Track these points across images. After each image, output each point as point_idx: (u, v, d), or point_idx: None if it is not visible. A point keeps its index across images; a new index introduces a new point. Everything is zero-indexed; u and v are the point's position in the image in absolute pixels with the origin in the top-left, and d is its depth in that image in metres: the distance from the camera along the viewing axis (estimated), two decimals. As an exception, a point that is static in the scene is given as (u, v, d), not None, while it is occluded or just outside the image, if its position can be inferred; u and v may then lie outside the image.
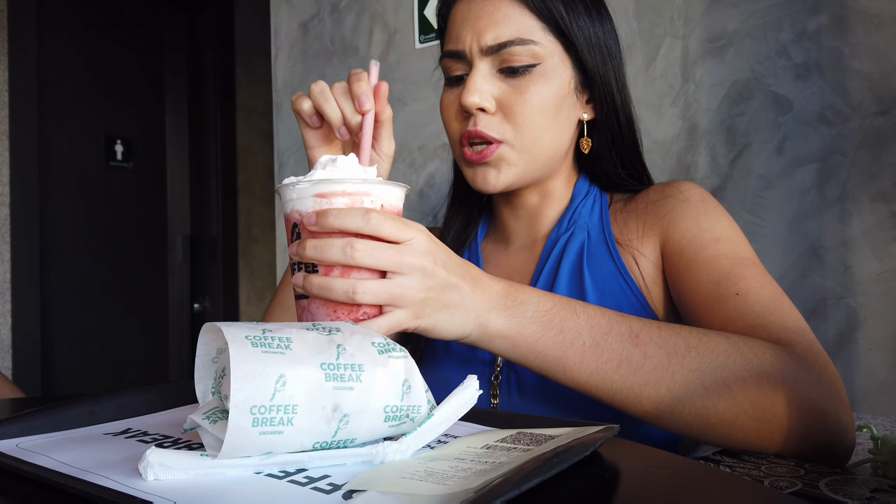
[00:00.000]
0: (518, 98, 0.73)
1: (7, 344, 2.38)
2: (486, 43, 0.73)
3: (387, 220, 0.52)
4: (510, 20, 0.73)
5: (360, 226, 0.51)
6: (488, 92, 0.74)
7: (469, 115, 0.75)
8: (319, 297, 0.52)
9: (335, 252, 0.51)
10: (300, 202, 0.54)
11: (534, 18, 0.73)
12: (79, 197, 2.65)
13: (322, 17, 1.91)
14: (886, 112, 1.09)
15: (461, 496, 0.32)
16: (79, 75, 2.66)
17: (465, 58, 0.76)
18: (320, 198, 0.52)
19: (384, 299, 0.52)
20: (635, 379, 0.58)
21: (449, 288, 0.56)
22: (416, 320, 0.55)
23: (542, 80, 0.74)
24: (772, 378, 0.56)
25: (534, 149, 0.75)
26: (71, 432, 0.47)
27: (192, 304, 3.08)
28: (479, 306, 0.58)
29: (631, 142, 0.83)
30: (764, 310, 0.64)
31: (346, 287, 0.51)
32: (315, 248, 0.51)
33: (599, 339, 0.59)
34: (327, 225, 0.51)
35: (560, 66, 0.75)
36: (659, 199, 0.78)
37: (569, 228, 0.81)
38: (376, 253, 0.51)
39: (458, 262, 0.58)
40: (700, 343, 0.59)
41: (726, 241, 0.71)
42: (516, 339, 0.59)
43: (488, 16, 0.74)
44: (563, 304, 0.61)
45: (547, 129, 0.75)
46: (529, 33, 0.73)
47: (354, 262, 0.51)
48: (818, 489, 0.44)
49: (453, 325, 0.57)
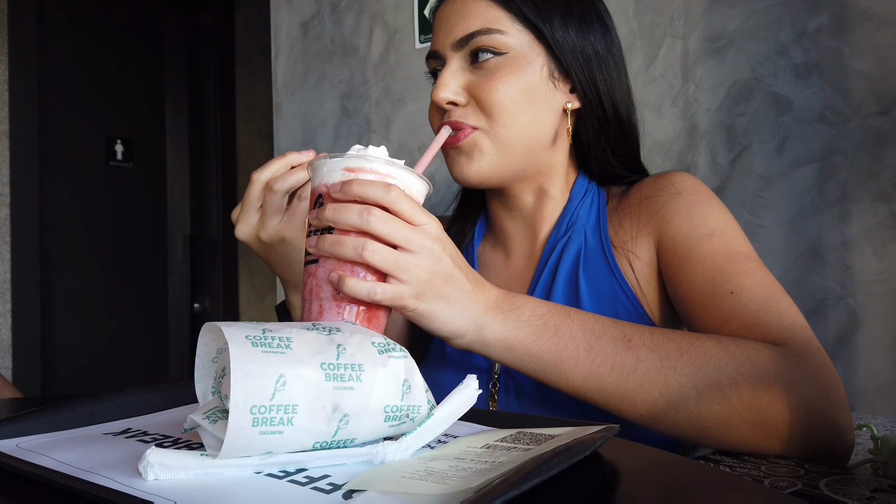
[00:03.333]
0: (487, 86, 0.73)
1: (7, 344, 2.38)
2: (456, 37, 0.75)
3: (405, 198, 0.54)
4: (478, 13, 0.75)
5: (380, 196, 0.53)
6: (457, 85, 0.75)
7: (444, 111, 0.76)
8: (330, 253, 0.53)
9: (352, 215, 0.52)
10: (329, 175, 0.55)
11: (501, 10, 0.74)
12: (79, 197, 2.65)
13: (322, 17, 1.91)
14: (886, 112, 1.09)
15: (461, 496, 0.32)
16: (79, 75, 2.66)
17: (441, 56, 0.78)
18: (349, 171, 0.55)
19: (390, 265, 0.53)
20: (629, 382, 0.58)
21: (452, 279, 0.57)
22: (416, 301, 0.55)
23: (510, 67, 0.74)
24: (766, 381, 0.56)
25: (508, 136, 0.75)
26: (71, 432, 0.47)
27: (192, 304, 3.08)
28: (477, 306, 0.59)
29: (618, 129, 0.80)
30: (759, 308, 0.63)
31: (356, 243, 0.52)
32: (334, 209, 0.53)
33: (593, 342, 0.59)
34: (350, 192, 0.53)
35: (530, 53, 0.75)
36: (651, 195, 0.77)
37: (566, 232, 0.80)
38: (391, 223, 0.53)
39: (463, 261, 0.60)
40: (692, 347, 0.59)
41: (720, 236, 0.70)
42: (512, 341, 0.59)
43: (457, 12, 0.76)
44: (557, 309, 0.61)
45: (520, 115, 0.74)
46: (496, 23, 0.74)
47: (368, 227, 0.52)
48: (818, 489, 0.44)
49: (451, 318, 0.58)
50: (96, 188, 2.71)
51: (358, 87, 1.83)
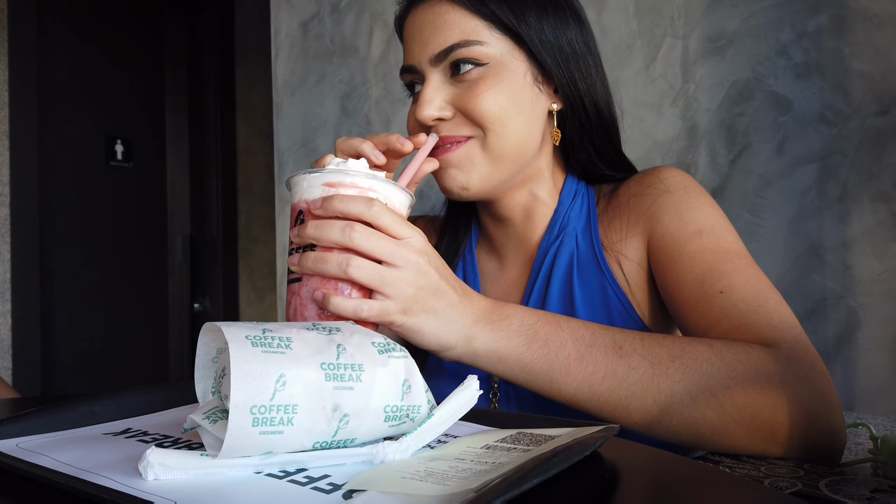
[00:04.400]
0: (473, 97, 0.71)
1: (7, 344, 2.38)
2: (433, 51, 0.72)
3: (388, 212, 0.54)
4: (453, 24, 0.72)
5: (362, 211, 0.52)
6: (442, 100, 0.73)
7: (429, 128, 0.74)
8: (314, 270, 0.53)
9: (335, 232, 0.52)
10: (309, 191, 0.55)
11: (477, 19, 0.72)
12: (79, 197, 2.65)
13: (322, 17, 1.91)
14: (886, 112, 1.09)
15: (461, 496, 0.32)
16: (79, 75, 2.66)
17: (418, 71, 0.75)
18: (329, 187, 0.54)
19: (375, 281, 0.53)
20: (621, 391, 0.58)
21: (438, 292, 0.57)
22: (403, 316, 0.55)
23: (493, 76, 0.72)
24: (758, 384, 0.56)
25: (500, 146, 0.73)
26: (71, 432, 0.47)
27: (192, 304, 3.08)
28: (466, 318, 0.58)
29: (601, 129, 0.79)
30: (748, 308, 0.63)
31: (340, 259, 0.52)
32: (316, 227, 0.53)
33: (584, 351, 0.59)
34: (332, 208, 0.53)
35: (512, 60, 0.73)
36: (640, 192, 0.76)
37: (559, 236, 0.79)
38: (374, 238, 0.53)
39: (450, 272, 0.59)
40: (683, 353, 0.58)
41: (709, 234, 0.70)
42: (502, 352, 0.59)
43: (431, 24, 0.73)
44: (546, 318, 0.61)
45: (510, 122, 0.73)
46: (475, 34, 0.72)
47: (352, 243, 0.52)
48: (818, 489, 0.44)
49: (439, 331, 0.57)
50: (96, 188, 2.71)
51: (358, 87, 1.83)
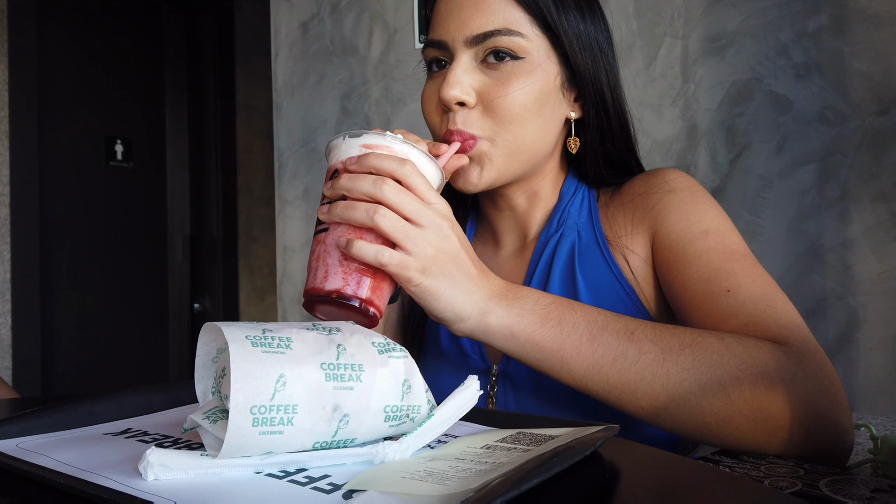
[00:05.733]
0: (500, 90, 0.70)
1: (7, 344, 2.38)
2: (472, 32, 0.71)
3: (419, 175, 0.55)
4: (497, 10, 0.71)
5: (394, 167, 0.54)
6: (469, 84, 0.71)
7: (448, 109, 0.72)
8: (342, 217, 0.54)
9: (366, 184, 0.53)
10: (347, 151, 0.56)
11: (521, 11, 0.71)
12: (79, 197, 2.65)
13: (322, 17, 1.91)
14: (886, 112, 1.09)
15: (461, 496, 0.32)
16: (79, 75, 2.66)
17: (448, 48, 0.73)
18: (366, 148, 0.56)
19: (399, 234, 0.54)
20: (630, 375, 0.58)
21: (458, 260, 0.57)
22: (421, 275, 0.55)
23: (526, 74, 0.71)
24: (767, 378, 0.56)
25: (515, 144, 0.72)
26: (71, 432, 0.47)
27: (192, 304, 3.08)
28: (482, 291, 0.59)
29: (624, 141, 0.79)
30: (756, 307, 0.63)
31: (368, 207, 0.53)
32: (349, 178, 0.54)
33: (596, 333, 0.59)
34: (366, 164, 0.54)
35: (546, 61, 0.72)
36: (645, 192, 0.76)
37: (558, 229, 0.80)
38: (403, 195, 0.54)
39: (469, 246, 0.60)
40: (694, 342, 0.59)
41: (715, 234, 0.70)
42: (515, 328, 0.59)
43: (474, 5, 0.71)
44: (561, 300, 0.62)
45: (529, 124, 0.72)
46: (516, 25, 0.70)
47: (381, 195, 0.53)
48: (818, 489, 0.44)
49: (454, 298, 0.57)
50: (96, 188, 2.71)
51: (358, 87, 1.83)
